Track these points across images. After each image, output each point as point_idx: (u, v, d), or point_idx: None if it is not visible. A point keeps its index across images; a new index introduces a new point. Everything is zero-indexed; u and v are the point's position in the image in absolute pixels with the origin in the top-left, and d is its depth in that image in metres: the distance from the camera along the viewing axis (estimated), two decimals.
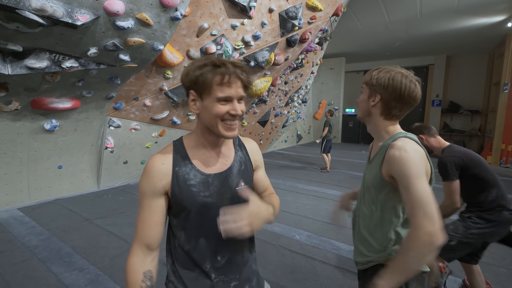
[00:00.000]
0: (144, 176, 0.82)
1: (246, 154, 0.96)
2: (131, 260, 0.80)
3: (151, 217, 0.81)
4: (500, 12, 6.61)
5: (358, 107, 1.13)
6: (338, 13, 5.56)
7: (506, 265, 2.67)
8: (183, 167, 0.83)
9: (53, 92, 3.47)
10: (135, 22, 2.98)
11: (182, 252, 0.85)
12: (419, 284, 1.04)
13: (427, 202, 0.86)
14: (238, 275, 0.89)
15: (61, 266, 2.46)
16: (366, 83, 1.07)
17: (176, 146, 0.87)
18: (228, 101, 0.78)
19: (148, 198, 0.81)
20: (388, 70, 1.02)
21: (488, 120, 9.75)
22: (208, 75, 0.76)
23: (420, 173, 0.90)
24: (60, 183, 4.30)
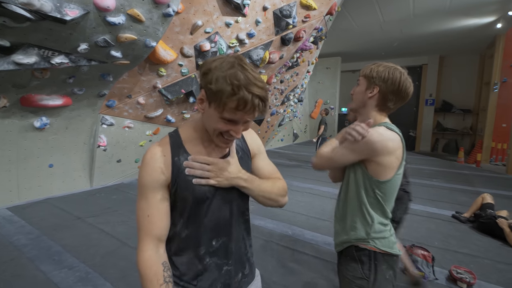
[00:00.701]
0: (146, 168, 0.80)
1: (244, 141, 0.96)
2: (144, 256, 0.77)
3: (158, 210, 0.80)
4: (490, 13, 6.71)
5: (353, 98, 1.19)
6: (332, 12, 5.58)
7: (490, 257, 2.73)
8: (182, 158, 0.82)
9: (43, 89, 3.42)
10: (126, 18, 2.95)
11: (179, 239, 0.85)
12: (389, 267, 1.07)
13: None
14: (231, 260, 0.90)
15: (50, 264, 2.43)
16: (365, 76, 1.12)
17: (173, 137, 0.86)
18: (232, 123, 0.75)
19: (152, 191, 0.79)
20: (387, 66, 1.09)
21: (479, 119, 9.90)
22: (224, 95, 0.69)
23: (351, 147, 1.06)
24: (51, 182, 4.24)
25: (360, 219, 1.09)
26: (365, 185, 1.07)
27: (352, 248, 1.10)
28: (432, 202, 4.39)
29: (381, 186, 1.05)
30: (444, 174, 6.66)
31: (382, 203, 1.07)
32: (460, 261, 2.61)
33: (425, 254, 2.37)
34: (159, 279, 0.76)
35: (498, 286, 2.25)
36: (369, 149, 1.02)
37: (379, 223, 1.08)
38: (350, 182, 1.12)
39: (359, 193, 1.09)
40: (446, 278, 2.35)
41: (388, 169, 1.04)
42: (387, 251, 1.06)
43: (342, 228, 1.15)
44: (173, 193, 0.81)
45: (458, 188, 5.22)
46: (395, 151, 1.03)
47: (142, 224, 0.80)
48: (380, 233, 1.07)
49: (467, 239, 3.11)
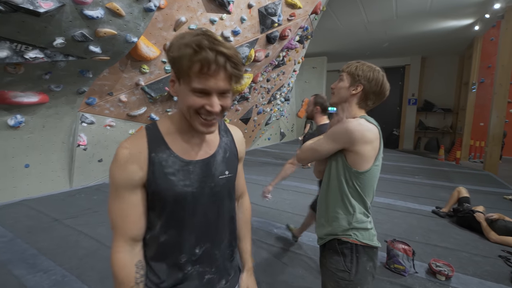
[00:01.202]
0: (117, 166, 0.71)
1: (232, 141, 0.88)
2: (118, 257, 0.73)
3: (134, 210, 0.73)
4: (468, 15, 6.96)
5: (334, 93, 1.21)
6: (317, 11, 5.63)
7: (468, 250, 2.82)
8: (160, 153, 0.73)
9: (17, 85, 3.27)
10: (105, 12, 2.86)
11: (156, 244, 0.77)
12: (370, 258, 1.11)
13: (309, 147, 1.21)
14: (214, 268, 0.84)
15: (24, 268, 2.32)
16: (349, 73, 1.16)
17: (150, 130, 0.76)
18: (206, 94, 0.67)
19: (126, 191, 0.72)
20: (370, 66, 1.15)
21: (459, 118, 10.25)
22: (184, 60, 0.64)
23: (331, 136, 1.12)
24: (28, 183, 4.06)
25: (342, 209, 1.12)
26: (345, 175, 1.11)
27: (334, 242, 1.13)
28: (413, 198, 4.50)
29: (360, 176, 1.09)
30: (425, 171, 6.85)
31: (362, 194, 1.11)
32: (439, 255, 2.68)
33: (405, 249, 2.41)
34: (130, 281, 0.73)
35: (474, 278, 2.33)
36: (348, 137, 1.05)
37: (361, 213, 1.11)
38: (332, 173, 1.15)
39: (340, 184, 1.12)
40: (425, 271, 2.41)
41: (366, 159, 1.08)
42: (368, 244, 1.10)
43: (325, 220, 1.17)
44: (151, 192, 0.74)
45: (439, 185, 5.38)
46: (373, 142, 1.07)
47: (116, 224, 0.74)
48: (362, 223, 1.10)
49: (446, 233, 3.20)
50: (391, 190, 4.90)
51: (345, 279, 1.08)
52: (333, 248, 1.13)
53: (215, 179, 0.80)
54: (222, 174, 0.82)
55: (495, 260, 2.61)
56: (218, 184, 0.81)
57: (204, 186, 0.78)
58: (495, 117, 6.62)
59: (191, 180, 0.76)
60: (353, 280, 1.07)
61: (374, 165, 1.10)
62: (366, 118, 1.12)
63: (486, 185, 5.52)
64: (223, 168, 0.82)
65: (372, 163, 1.09)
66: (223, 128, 0.89)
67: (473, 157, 8.65)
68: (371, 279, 1.12)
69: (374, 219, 3.11)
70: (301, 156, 1.25)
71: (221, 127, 0.88)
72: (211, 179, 0.79)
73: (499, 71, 6.51)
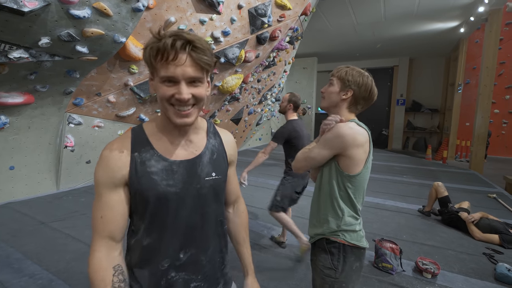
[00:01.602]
0: (101, 165, 0.72)
1: (221, 144, 0.87)
2: (93, 259, 0.70)
3: (112, 210, 0.72)
4: (454, 18, 7.14)
5: (325, 97, 1.23)
6: (306, 12, 5.67)
7: (453, 248, 2.89)
8: (143, 153, 0.74)
9: (0, 85, 3.18)
10: (92, 12, 2.81)
11: (140, 247, 0.76)
12: (357, 258, 1.14)
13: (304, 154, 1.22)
14: (201, 275, 0.81)
15: (8, 273, 2.26)
16: (339, 78, 1.17)
17: (135, 131, 0.77)
18: (174, 83, 0.68)
19: (107, 189, 0.72)
20: (359, 71, 1.17)
21: (446, 118, 10.49)
22: (148, 51, 0.66)
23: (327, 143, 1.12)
24: (12, 185, 3.96)
25: (331, 213, 1.15)
26: (337, 180, 1.14)
27: (323, 241, 1.17)
28: (401, 197, 4.58)
29: (352, 180, 1.12)
30: (413, 170, 6.99)
31: (352, 197, 1.14)
32: (426, 253, 2.75)
33: (393, 247, 2.46)
34: (106, 284, 0.68)
35: (459, 275, 2.39)
36: (340, 142, 1.08)
37: (350, 216, 1.15)
38: (323, 178, 1.18)
39: (331, 188, 1.15)
40: (412, 269, 2.46)
41: (357, 162, 1.11)
42: (356, 244, 1.13)
43: (317, 221, 1.21)
44: (133, 192, 0.73)
45: (426, 184, 5.50)
46: (363, 145, 1.10)
47: (95, 224, 0.72)
48: (350, 226, 1.14)
49: (433, 232, 3.27)
50: (380, 189, 4.98)
51: (331, 276, 1.12)
52: (321, 247, 1.17)
53: (201, 180, 0.79)
54: (209, 176, 0.80)
55: (479, 258, 2.69)
56: (204, 185, 0.79)
57: (189, 187, 0.77)
58: (480, 117, 6.81)
59: (174, 180, 0.75)
60: (338, 278, 1.11)
61: (365, 167, 1.13)
62: (356, 122, 1.15)
63: (472, 184, 5.67)
64: (209, 170, 0.81)
65: (363, 166, 1.12)
66: (212, 130, 0.88)
67: (459, 156, 8.86)
68: (357, 277, 1.16)
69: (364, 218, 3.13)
70: (297, 166, 1.26)
71: (209, 129, 0.87)
72: (197, 180, 0.78)
73: (483, 73, 6.70)
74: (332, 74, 1.21)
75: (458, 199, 3.80)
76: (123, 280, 0.72)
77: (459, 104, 8.70)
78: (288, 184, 2.55)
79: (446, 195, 3.64)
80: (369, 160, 1.14)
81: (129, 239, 0.80)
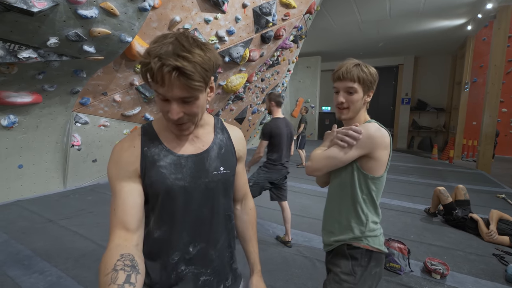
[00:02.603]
0: (113, 161, 0.74)
1: (229, 139, 0.88)
2: (107, 248, 0.65)
3: (125, 201, 0.71)
4: (461, 15, 7.05)
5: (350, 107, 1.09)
6: (311, 11, 5.65)
7: (462, 249, 2.85)
8: (152, 148, 0.76)
9: (10, 85, 3.22)
10: (99, 12, 2.83)
11: (151, 239, 0.76)
12: (378, 263, 1.10)
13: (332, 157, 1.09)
14: (210, 269, 0.81)
15: (19, 269, 2.29)
16: (362, 82, 1.06)
17: (145, 128, 0.80)
18: (167, 101, 0.68)
19: (119, 182, 0.72)
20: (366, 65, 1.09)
21: (452, 117, 10.38)
22: (140, 69, 0.66)
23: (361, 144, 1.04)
24: (21, 183, 4.01)
25: (355, 219, 1.10)
26: (359, 183, 1.08)
27: (344, 246, 1.11)
28: (408, 197, 4.55)
29: (376, 182, 1.08)
30: (419, 170, 6.93)
31: (375, 199, 1.10)
32: (434, 253, 2.72)
33: (401, 247, 2.44)
34: (107, 268, 0.60)
35: (469, 276, 2.36)
36: (371, 142, 1.03)
37: (372, 222, 1.10)
38: (345, 181, 1.11)
39: (353, 192, 1.09)
40: (421, 270, 2.43)
41: (382, 164, 1.07)
42: (378, 249, 1.09)
43: (337, 228, 1.14)
44: (145, 185, 0.75)
45: (433, 183, 5.44)
46: (389, 146, 1.07)
47: (111, 219, 0.71)
48: (373, 231, 1.09)
49: (441, 232, 3.24)
50: (386, 189, 4.91)
51: (349, 282, 1.07)
52: (341, 253, 1.11)
53: (210, 175, 0.80)
54: (217, 170, 0.81)
55: (489, 259, 2.65)
56: (213, 179, 0.80)
57: (198, 181, 0.78)
58: (488, 116, 6.72)
59: (183, 174, 0.76)
60: (356, 283, 1.06)
61: (386, 169, 1.10)
62: (378, 123, 1.10)
63: (480, 183, 5.60)
64: (217, 164, 0.82)
65: (385, 168, 1.09)
66: (219, 126, 0.89)
67: (466, 156, 8.76)
68: (375, 283, 1.11)
69: None
70: (315, 166, 1.12)
71: (217, 125, 0.88)
72: (205, 174, 0.79)
73: (491, 71, 6.61)
74: (350, 79, 1.06)
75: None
76: (129, 265, 0.63)
77: (466, 103, 8.59)
78: (262, 174, 2.76)
79: (451, 202, 3.46)
80: (389, 161, 1.10)
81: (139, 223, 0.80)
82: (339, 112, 1.12)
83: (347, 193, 1.10)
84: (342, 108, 1.10)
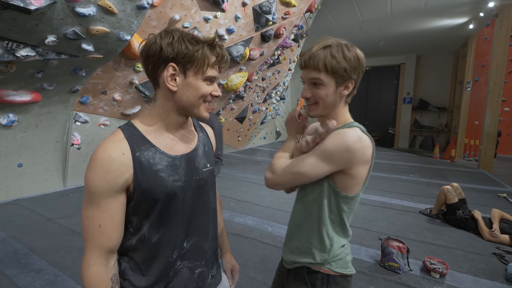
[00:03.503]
0: (98, 171, 0.67)
1: (207, 136, 0.94)
2: (92, 271, 0.68)
3: (112, 219, 0.69)
4: (463, 14, 7.00)
5: (319, 103, 0.88)
6: (311, 9, 5.63)
7: (462, 248, 2.83)
8: (145, 152, 0.72)
9: (8, 83, 3.22)
10: (97, 10, 2.82)
11: (148, 245, 0.75)
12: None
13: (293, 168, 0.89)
14: (204, 261, 0.85)
15: (16, 268, 2.29)
16: (331, 71, 0.83)
17: (127, 130, 0.73)
18: (211, 82, 0.77)
19: (107, 197, 0.68)
20: (342, 46, 0.84)
21: (454, 117, 10.31)
22: (207, 53, 0.74)
23: (328, 157, 0.84)
24: (21, 182, 4.02)
25: (317, 243, 0.92)
26: (329, 201, 0.90)
27: (303, 269, 0.95)
28: (408, 196, 4.52)
29: (349, 201, 0.90)
30: (420, 169, 6.89)
31: (345, 220, 0.92)
32: (433, 252, 2.70)
33: (400, 246, 2.42)
34: None
35: (469, 275, 2.34)
36: (347, 157, 0.82)
37: (338, 246, 0.93)
38: (309, 197, 0.93)
39: (320, 211, 0.90)
40: (420, 269, 2.42)
41: (359, 181, 0.88)
42: (342, 273, 0.93)
43: (296, 248, 0.97)
44: (139, 193, 0.71)
45: (434, 183, 5.41)
46: (370, 161, 0.88)
47: (92, 234, 0.68)
48: (337, 256, 0.93)
49: (441, 231, 3.21)
50: (386, 188, 4.92)
51: None
52: (300, 277, 0.95)
53: (200, 172, 0.83)
54: (205, 167, 0.85)
55: (489, 258, 2.63)
56: (203, 177, 0.83)
57: (190, 180, 0.80)
58: (490, 116, 6.67)
59: (179, 174, 0.77)
60: None
61: (364, 185, 0.91)
62: (360, 128, 0.89)
63: (481, 183, 5.56)
64: (205, 161, 0.86)
65: (362, 185, 0.90)
66: (197, 124, 0.94)
67: (468, 155, 8.71)
68: None
69: (369, 216, 3.11)
70: (277, 181, 0.91)
71: (195, 123, 0.93)
72: (196, 172, 0.82)
73: (493, 70, 6.55)
74: (314, 67, 0.83)
75: (468, 198, 3.70)
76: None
77: (468, 102, 8.52)
78: None
79: (456, 202, 3.37)
80: (368, 176, 0.91)
81: (126, 241, 0.76)
82: (307, 108, 0.92)
83: (312, 211, 0.92)
84: (310, 104, 0.90)
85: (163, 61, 0.71)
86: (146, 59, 0.73)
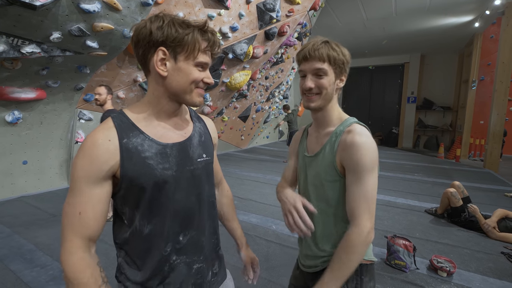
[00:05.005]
0: (84, 157, 0.66)
1: (205, 127, 0.90)
2: (73, 259, 0.65)
3: (94, 208, 0.67)
4: (468, 12, 6.93)
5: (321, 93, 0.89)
6: (315, 7, 5.60)
7: (469, 247, 2.79)
8: (133, 138, 0.70)
9: (14, 80, 3.24)
10: (102, 6, 2.83)
11: (141, 237, 0.73)
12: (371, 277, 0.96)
13: (372, 198, 0.83)
14: (202, 256, 0.82)
15: (21, 263, 2.30)
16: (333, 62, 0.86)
17: (117, 118, 0.72)
18: (203, 68, 0.75)
19: (89, 184, 0.66)
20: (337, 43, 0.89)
21: (459, 116, 10.22)
22: (198, 38, 0.72)
23: (375, 165, 0.84)
24: (25, 179, 4.04)
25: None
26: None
27: None
28: (413, 195, 4.48)
29: None
30: (425, 169, 6.83)
31: None
32: (440, 251, 2.66)
33: (406, 244, 2.39)
34: (97, 280, 0.67)
35: (477, 274, 2.30)
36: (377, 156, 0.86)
37: None
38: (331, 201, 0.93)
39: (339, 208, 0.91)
40: (427, 267, 2.39)
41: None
42: (369, 260, 0.94)
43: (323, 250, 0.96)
44: (126, 181, 0.69)
45: (439, 182, 5.36)
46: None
47: (71, 222, 0.66)
48: None
49: (447, 231, 3.17)
50: (391, 187, 4.88)
51: None
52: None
53: (194, 162, 0.80)
54: (200, 157, 0.82)
55: (497, 257, 2.59)
56: (198, 167, 0.80)
57: (183, 170, 0.77)
58: (495, 115, 6.59)
59: (170, 163, 0.74)
60: None
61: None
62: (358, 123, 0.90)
63: (487, 182, 5.50)
64: (200, 151, 0.82)
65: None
66: (194, 115, 0.91)
67: (473, 155, 8.63)
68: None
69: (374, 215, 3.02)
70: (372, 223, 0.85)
71: (192, 114, 0.90)
72: (190, 162, 0.79)
73: (499, 68, 6.48)
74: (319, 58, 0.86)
75: (473, 198, 3.65)
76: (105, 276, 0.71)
77: (473, 101, 8.44)
78: None
79: (461, 205, 3.31)
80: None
81: (122, 234, 0.76)
82: (307, 99, 0.91)
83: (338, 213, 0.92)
84: (311, 95, 0.90)
85: (153, 45, 0.70)
86: (137, 44, 0.71)
